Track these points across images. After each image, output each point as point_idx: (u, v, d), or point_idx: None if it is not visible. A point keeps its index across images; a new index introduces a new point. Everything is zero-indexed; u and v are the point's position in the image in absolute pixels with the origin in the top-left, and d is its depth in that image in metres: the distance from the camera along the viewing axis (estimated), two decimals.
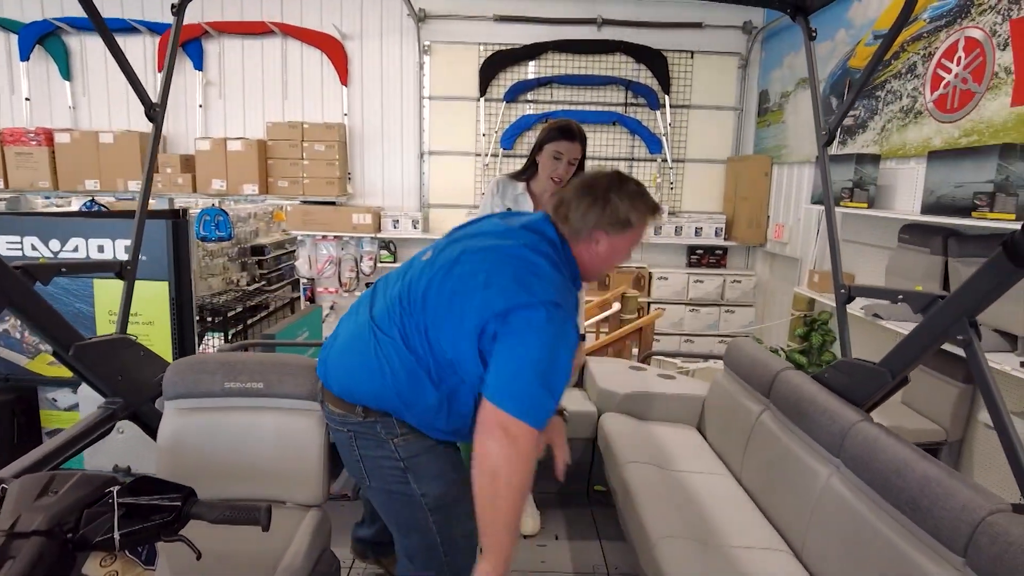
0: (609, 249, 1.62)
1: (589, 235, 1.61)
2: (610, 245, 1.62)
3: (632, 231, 1.61)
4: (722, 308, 6.45)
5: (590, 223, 1.59)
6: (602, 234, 1.60)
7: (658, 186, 6.53)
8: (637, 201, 1.60)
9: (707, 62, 6.31)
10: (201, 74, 6.38)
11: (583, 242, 1.62)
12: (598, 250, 1.62)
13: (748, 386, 2.57)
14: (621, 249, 1.64)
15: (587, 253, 1.63)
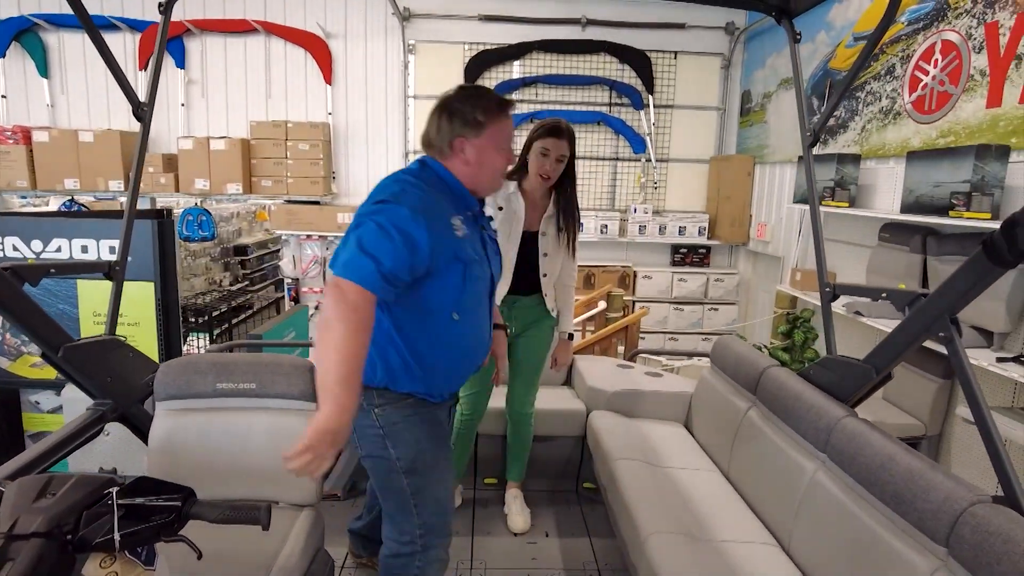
0: (477, 152, 1.70)
1: (452, 148, 1.70)
2: (476, 148, 1.69)
3: (489, 128, 1.69)
4: (706, 306, 6.51)
5: (447, 136, 1.69)
6: (462, 141, 1.69)
7: (642, 185, 6.58)
8: (479, 100, 1.69)
9: (690, 62, 6.37)
10: (183, 72, 6.32)
11: (452, 157, 1.71)
12: (468, 158, 1.70)
13: (735, 383, 2.61)
14: (489, 148, 1.70)
15: (461, 165, 1.71)
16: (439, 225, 1.60)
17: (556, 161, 2.50)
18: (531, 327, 2.72)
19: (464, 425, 2.84)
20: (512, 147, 1.80)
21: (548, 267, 2.63)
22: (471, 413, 2.82)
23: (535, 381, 2.86)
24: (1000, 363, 2.87)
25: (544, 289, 2.66)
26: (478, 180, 1.75)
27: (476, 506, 2.99)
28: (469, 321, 1.74)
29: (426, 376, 1.73)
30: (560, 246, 2.62)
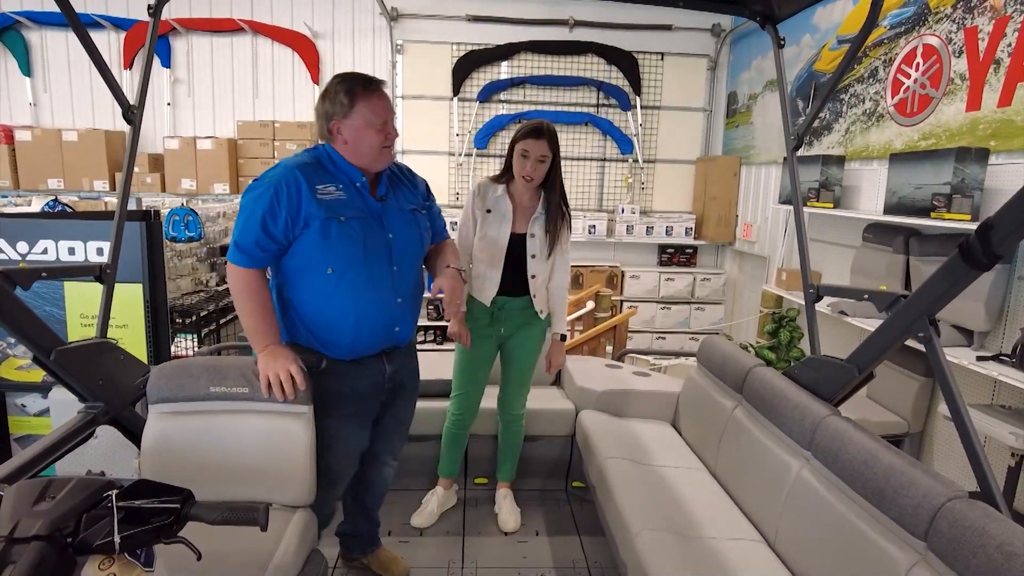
0: (351, 132, 1.87)
1: (331, 132, 1.90)
2: (349, 128, 1.87)
3: (357, 108, 1.85)
4: (692, 306, 6.57)
5: (324, 122, 1.90)
6: (336, 123, 1.88)
7: (629, 186, 6.63)
8: (344, 84, 1.87)
9: (677, 64, 6.42)
10: (169, 71, 6.28)
11: (334, 139, 1.91)
12: (345, 138, 1.88)
13: (721, 382, 2.65)
14: (360, 127, 1.87)
15: (341, 145, 1.90)
16: (294, 191, 1.82)
17: (537, 162, 2.52)
18: (521, 329, 2.73)
19: (455, 424, 2.86)
20: (388, 123, 1.93)
21: (536, 268, 2.64)
22: (461, 412, 2.84)
23: (526, 383, 2.86)
24: (980, 361, 2.93)
25: (532, 291, 2.66)
26: (359, 156, 1.91)
27: (467, 506, 3.02)
28: (353, 278, 1.90)
29: (316, 332, 1.95)
30: (548, 248, 2.63)
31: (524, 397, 2.90)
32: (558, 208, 2.62)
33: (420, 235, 2.08)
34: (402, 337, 2.10)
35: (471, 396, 2.83)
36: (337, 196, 1.88)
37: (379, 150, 1.91)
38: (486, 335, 2.72)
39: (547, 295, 2.73)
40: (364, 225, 1.91)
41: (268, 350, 1.84)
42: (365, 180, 1.94)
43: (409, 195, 2.09)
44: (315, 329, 1.96)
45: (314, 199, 1.83)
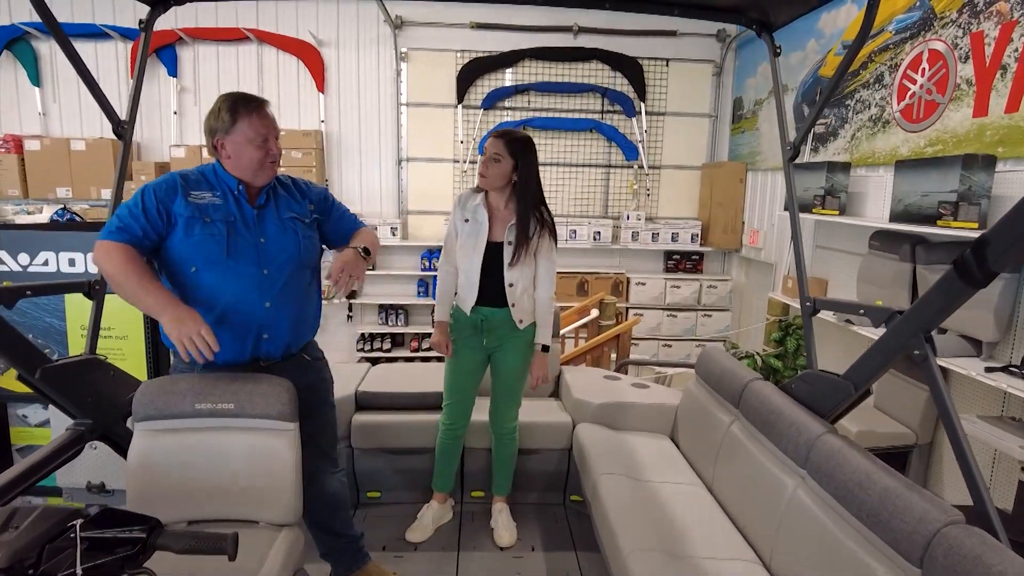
0: (232, 147, 1.97)
1: (215, 147, 1.99)
2: (231, 143, 1.96)
3: (238, 124, 1.95)
4: (699, 313, 6.52)
5: (209, 138, 1.99)
6: (220, 139, 1.97)
7: (635, 192, 6.59)
8: (227, 102, 1.96)
9: (682, 70, 6.38)
10: (175, 80, 6.32)
11: (219, 154, 2.00)
12: (228, 152, 1.97)
13: (718, 396, 2.60)
14: (240, 142, 1.96)
15: (225, 159, 1.99)
16: (169, 188, 1.92)
17: (491, 160, 2.55)
18: (505, 342, 2.70)
19: (446, 435, 2.83)
20: (269, 140, 2.00)
21: (514, 277, 2.60)
22: (451, 423, 2.82)
23: (515, 396, 2.82)
24: (989, 373, 2.87)
25: (510, 299, 2.61)
26: (241, 170, 2.00)
27: (463, 520, 2.98)
28: (214, 277, 1.95)
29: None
30: (523, 255, 2.58)
31: (514, 411, 2.86)
32: (530, 215, 2.58)
33: (297, 241, 2.09)
34: (273, 347, 2.06)
35: (460, 406, 2.80)
36: (210, 201, 1.96)
37: (259, 165, 1.99)
38: (471, 345, 2.71)
39: (531, 305, 2.68)
40: (232, 228, 1.98)
41: (174, 313, 1.78)
42: (243, 188, 2.02)
43: (293, 205, 2.13)
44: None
45: (185, 200, 1.93)
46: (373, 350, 6.53)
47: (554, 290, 2.70)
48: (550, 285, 2.67)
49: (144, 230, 1.87)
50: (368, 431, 3.01)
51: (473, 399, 2.81)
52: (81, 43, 6.25)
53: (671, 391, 3.25)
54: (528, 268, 2.62)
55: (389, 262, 6.58)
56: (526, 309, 2.66)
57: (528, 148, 2.58)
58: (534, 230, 2.58)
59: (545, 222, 2.62)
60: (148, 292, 1.79)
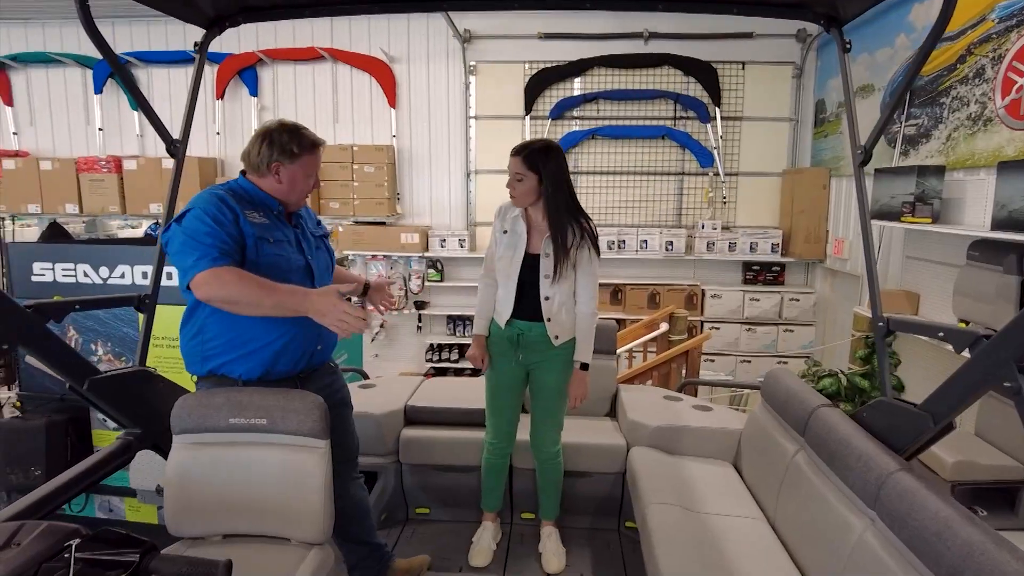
0: (289, 176, 2.04)
1: (268, 168, 2.02)
2: (289, 172, 2.03)
3: (301, 159, 2.03)
4: (780, 327, 6.16)
5: (266, 159, 2.01)
6: (277, 166, 2.02)
7: (710, 200, 6.32)
8: (296, 136, 2.03)
9: (759, 72, 6.08)
10: (256, 100, 6.61)
11: (266, 176, 2.03)
12: (281, 179, 2.03)
13: (784, 422, 2.39)
14: (299, 174, 2.05)
15: (274, 183, 2.04)
16: (230, 208, 1.92)
17: (514, 180, 2.48)
18: (542, 359, 2.58)
19: (491, 453, 2.74)
20: (317, 176, 2.14)
21: (550, 290, 2.48)
22: (494, 442, 2.72)
23: (555, 417, 2.67)
24: None
25: (546, 314, 2.49)
26: (288, 196, 2.08)
27: (511, 542, 2.88)
28: None
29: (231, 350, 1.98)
30: (559, 268, 2.45)
31: (555, 433, 2.71)
32: (566, 225, 2.45)
33: (330, 256, 2.26)
34: (322, 357, 2.18)
35: (501, 424, 2.70)
36: (261, 221, 2.00)
37: (306, 195, 2.13)
38: (508, 360, 2.61)
39: (570, 320, 2.54)
40: (288, 248, 2.06)
41: (311, 300, 1.82)
42: (282, 209, 2.09)
43: (311, 224, 2.26)
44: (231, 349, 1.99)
45: (246, 220, 1.95)
46: (441, 360, 6.56)
47: (596, 304, 2.55)
48: (591, 299, 2.54)
49: (236, 251, 1.89)
50: (417, 446, 2.97)
51: (516, 417, 2.71)
52: (175, 68, 6.66)
53: (735, 414, 3.03)
54: (567, 281, 2.49)
55: (457, 273, 6.60)
56: (564, 324, 2.53)
57: (549, 157, 2.45)
58: (572, 241, 2.45)
59: (585, 232, 2.49)
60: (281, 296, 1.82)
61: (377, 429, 2.89)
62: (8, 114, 6.94)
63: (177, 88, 6.71)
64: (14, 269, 3.35)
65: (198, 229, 1.84)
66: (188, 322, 2.04)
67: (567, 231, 2.45)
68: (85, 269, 3.38)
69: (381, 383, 3.43)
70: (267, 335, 1.99)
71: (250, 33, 6.51)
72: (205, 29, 2.34)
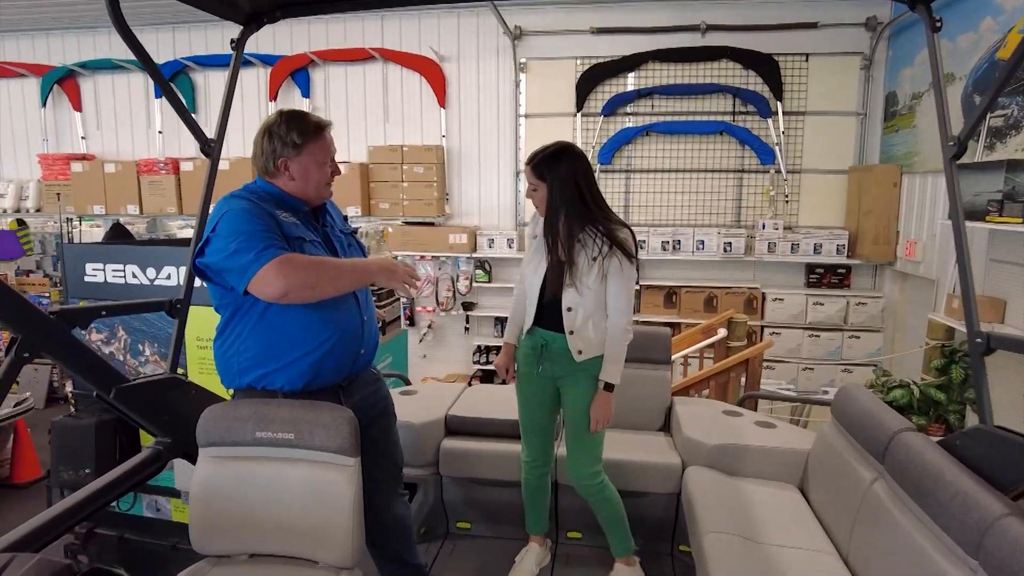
0: (300, 169, 1.90)
1: (276, 166, 1.90)
2: (299, 165, 1.90)
3: (308, 147, 1.90)
4: (845, 333, 5.80)
5: (271, 156, 1.89)
6: (284, 161, 1.89)
7: (771, 199, 6.01)
8: (295, 123, 1.90)
9: (824, 64, 5.75)
10: (308, 101, 6.65)
11: (277, 175, 1.92)
12: (292, 174, 1.91)
13: (858, 444, 2.15)
14: (310, 165, 1.91)
15: (287, 181, 1.92)
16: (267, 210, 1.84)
17: (529, 190, 2.36)
18: (566, 373, 2.38)
19: (528, 472, 2.58)
20: (333, 161, 1.99)
21: (572, 300, 2.29)
22: (530, 460, 2.56)
23: (584, 442, 2.41)
24: None
25: (567, 325, 2.30)
26: (305, 192, 1.94)
27: (555, 563, 2.72)
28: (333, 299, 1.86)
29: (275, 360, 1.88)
30: (589, 276, 2.27)
31: (587, 459, 2.42)
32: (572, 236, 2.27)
33: (362, 255, 2.14)
34: (365, 362, 2.06)
35: (534, 439, 2.54)
36: (294, 221, 1.90)
37: (325, 186, 1.97)
38: (534, 371, 2.45)
39: (598, 337, 2.33)
40: (322, 248, 1.95)
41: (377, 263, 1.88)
42: (308, 209, 1.98)
43: (339, 221, 2.14)
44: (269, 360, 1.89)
45: (282, 219, 1.87)
46: (488, 362, 6.46)
47: (628, 319, 2.32)
48: (622, 312, 2.31)
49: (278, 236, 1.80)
50: (457, 458, 2.85)
51: (549, 433, 2.54)
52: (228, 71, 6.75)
53: (802, 433, 2.79)
54: (592, 293, 2.29)
55: (505, 274, 6.48)
56: (589, 340, 2.32)
57: (557, 162, 2.28)
58: (598, 251, 2.26)
59: (609, 239, 2.27)
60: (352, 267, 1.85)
61: (416, 439, 2.79)
62: (77, 119, 7.20)
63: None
64: (69, 270, 3.39)
65: (246, 228, 1.74)
66: (222, 333, 1.95)
67: (574, 241, 2.28)
68: (133, 270, 3.38)
69: (422, 390, 3.33)
70: (307, 343, 1.88)
71: (302, 34, 6.55)
72: (243, 26, 2.28)
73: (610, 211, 2.36)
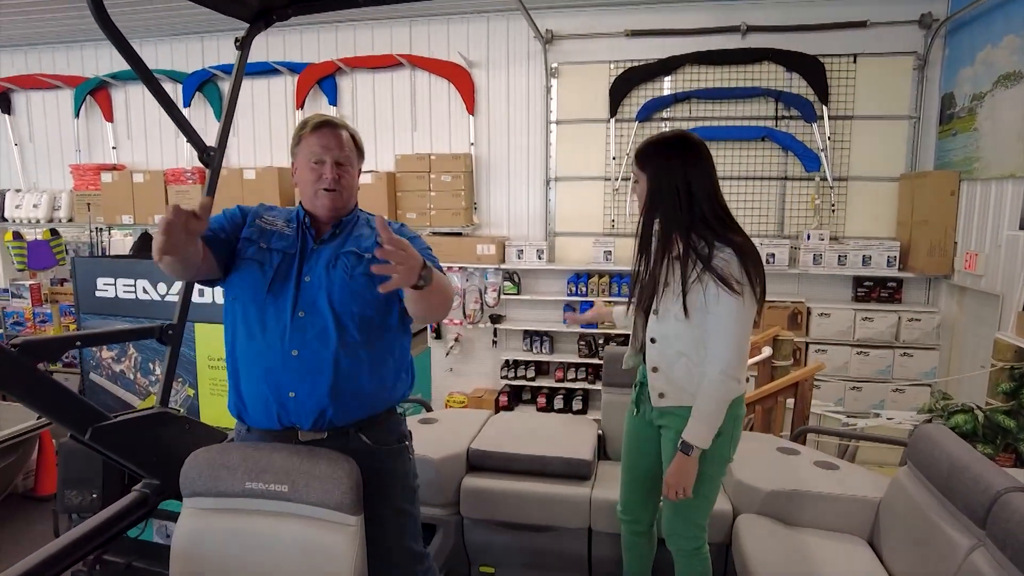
0: (297, 172, 1.84)
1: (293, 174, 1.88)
2: (297, 167, 1.84)
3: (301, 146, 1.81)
4: (897, 351, 5.45)
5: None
6: (293, 165, 1.86)
7: (816, 208, 5.70)
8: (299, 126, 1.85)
9: (874, 65, 5.42)
10: (336, 109, 6.53)
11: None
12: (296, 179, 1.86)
13: (948, 503, 1.86)
14: (302, 166, 1.81)
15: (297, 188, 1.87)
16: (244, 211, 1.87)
17: (634, 182, 2.01)
18: (659, 417, 2.05)
19: (624, 527, 2.29)
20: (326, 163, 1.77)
21: (657, 331, 1.96)
22: (622, 509, 2.28)
23: (682, 506, 2.02)
24: None
25: (650, 361, 1.98)
26: (303, 198, 1.83)
27: None
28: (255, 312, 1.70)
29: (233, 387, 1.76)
30: (678, 304, 1.87)
31: (682, 524, 2.06)
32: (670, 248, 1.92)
33: (343, 278, 1.72)
34: (300, 413, 1.66)
35: (628, 487, 2.23)
36: (278, 229, 1.80)
37: (312, 189, 1.76)
38: (633, 406, 2.17)
39: (690, 379, 1.93)
40: (286, 261, 1.75)
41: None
42: (309, 220, 1.82)
43: (362, 241, 1.79)
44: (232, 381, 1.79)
45: (253, 222, 1.82)
46: (517, 377, 6.24)
47: (731, 366, 1.85)
48: (718, 358, 1.85)
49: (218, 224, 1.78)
50: (480, 498, 2.60)
51: (648, 485, 2.20)
52: (255, 80, 6.70)
53: (870, 477, 2.48)
54: (685, 327, 1.90)
55: (535, 286, 6.27)
56: (676, 382, 1.95)
57: (663, 149, 1.92)
58: (691, 268, 1.85)
59: (702, 258, 1.85)
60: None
61: (435, 476, 2.56)
62: (109, 129, 7.20)
63: (259, 98, 6.75)
64: (80, 284, 3.27)
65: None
66: None
67: (666, 254, 1.92)
68: (144, 285, 3.26)
69: (444, 418, 3.10)
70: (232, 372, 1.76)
71: (329, 42, 6.45)
72: (249, 22, 2.12)
73: (733, 223, 1.93)
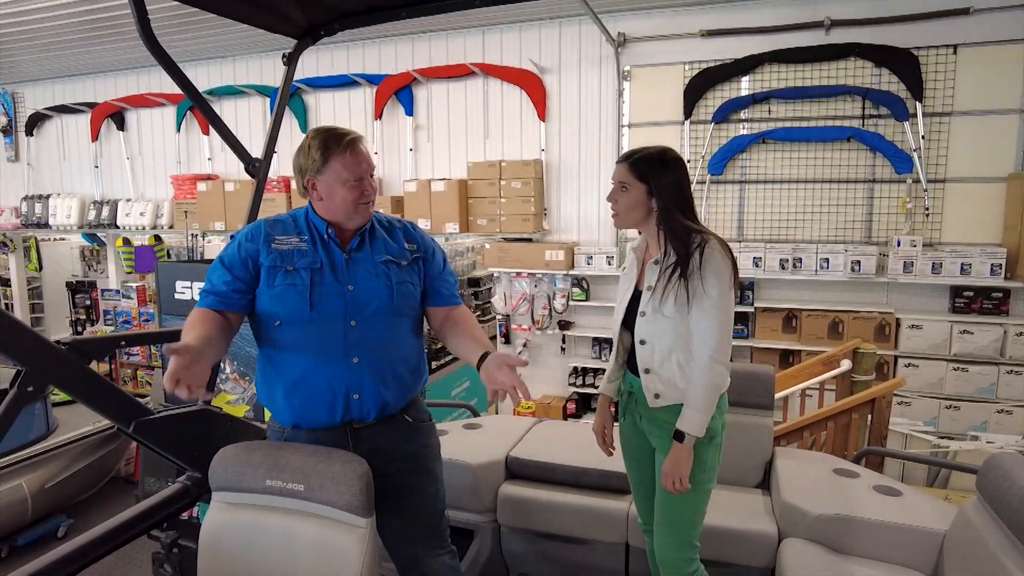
0: (324, 188, 1.81)
1: (306, 188, 1.85)
2: (323, 184, 1.81)
3: (331, 164, 1.79)
4: (1002, 368, 4.98)
5: (300, 179, 1.85)
6: (311, 180, 1.83)
7: (908, 212, 5.30)
8: (318, 140, 1.80)
9: (976, 56, 4.98)
10: (411, 119, 6.71)
11: (311, 197, 1.86)
12: (320, 194, 1.83)
13: (1018, 541, 1.66)
14: (334, 183, 1.80)
15: (317, 201, 1.85)
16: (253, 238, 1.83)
17: (619, 188, 2.03)
18: (650, 425, 2.05)
19: (648, 539, 2.26)
20: (364, 180, 1.83)
21: (646, 332, 1.98)
22: (642, 522, 2.28)
23: (667, 514, 2.03)
24: None
25: (642, 362, 1.98)
26: (333, 212, 1.84)
27: None
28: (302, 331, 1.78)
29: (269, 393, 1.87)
30: (667, 302, 1.92)
31: (675, 540, 2.01)
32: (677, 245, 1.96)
33: (389, 287, 1.87)
34: (366, 408, 1.84)
35: (641, 503, 2.24)
36: (296, 246, 1.83)
37: (354, 206, 1.82)
38: (625, 420, 2.16)
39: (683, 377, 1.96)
40: (318, 275, 1.81)
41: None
42: (332, 232, 1.86)
43: (390, 246, 1.93)
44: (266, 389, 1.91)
45: (267, 248, 1.82)
46: (584, 384, 6.19)
47: (718, 352, 1.91)
48: (705, 346, 1.91)
49: (230, 285, 1.79)
50: (518, 507, 2.58)
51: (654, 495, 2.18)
52: (336, 92, 7.00)
53: (936, 505, 2.27)
54: (672, 321, 1.94)
55: (604, 293, 6.18)
56: (669, 381, 1.97)
57: (665, 167, 1.99)
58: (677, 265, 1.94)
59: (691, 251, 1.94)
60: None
61: (472, 481, 2.56)
62: (205, 142, 7.73)
63: (340, 110, 7.03)
64: (162, 288, 3.50)
65: (215, 265, 1.84)
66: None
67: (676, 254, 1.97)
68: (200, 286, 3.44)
69: (488, 424, 3.10)
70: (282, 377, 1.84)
71: (406, 52, 6.64)
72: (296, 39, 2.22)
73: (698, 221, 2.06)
